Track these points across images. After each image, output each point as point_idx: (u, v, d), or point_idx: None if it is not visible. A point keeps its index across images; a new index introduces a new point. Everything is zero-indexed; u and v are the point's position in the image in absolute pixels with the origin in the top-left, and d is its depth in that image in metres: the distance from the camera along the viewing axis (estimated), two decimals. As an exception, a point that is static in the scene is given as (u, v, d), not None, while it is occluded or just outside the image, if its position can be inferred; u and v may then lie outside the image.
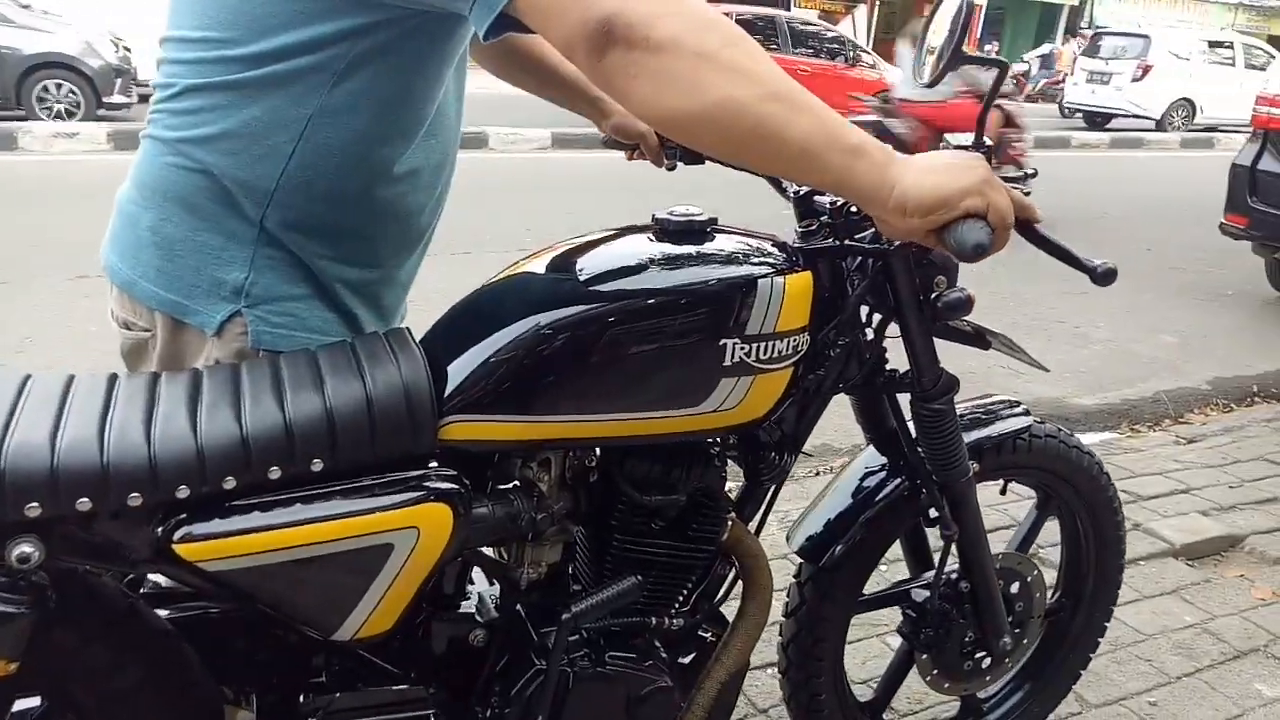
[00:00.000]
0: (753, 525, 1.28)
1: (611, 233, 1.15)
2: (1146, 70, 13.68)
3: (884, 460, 1.39)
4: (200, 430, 0.89)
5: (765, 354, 1.07)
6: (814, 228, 1.18)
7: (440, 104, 1.12)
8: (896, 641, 1.57)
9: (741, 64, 0.78)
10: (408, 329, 1.08)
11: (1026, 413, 1.44)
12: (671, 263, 1.07)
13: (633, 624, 1.16)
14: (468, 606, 1.15)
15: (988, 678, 1.49)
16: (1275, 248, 4.99)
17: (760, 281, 1.05)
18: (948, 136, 5.24)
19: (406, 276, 1.24)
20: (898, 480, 1.35)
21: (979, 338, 1.28)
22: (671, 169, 1.51)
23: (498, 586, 1.16)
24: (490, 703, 1.11)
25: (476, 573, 1.18)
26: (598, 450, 1.11)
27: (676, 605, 1.21)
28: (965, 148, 1.00)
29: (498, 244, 4.96)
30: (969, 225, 0.78)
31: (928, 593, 1.40)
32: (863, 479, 1.39)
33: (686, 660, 1.26)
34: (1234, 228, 4.92)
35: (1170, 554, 2.37)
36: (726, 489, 1.20)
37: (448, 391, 0.99)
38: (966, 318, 1.23)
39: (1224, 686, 1.90)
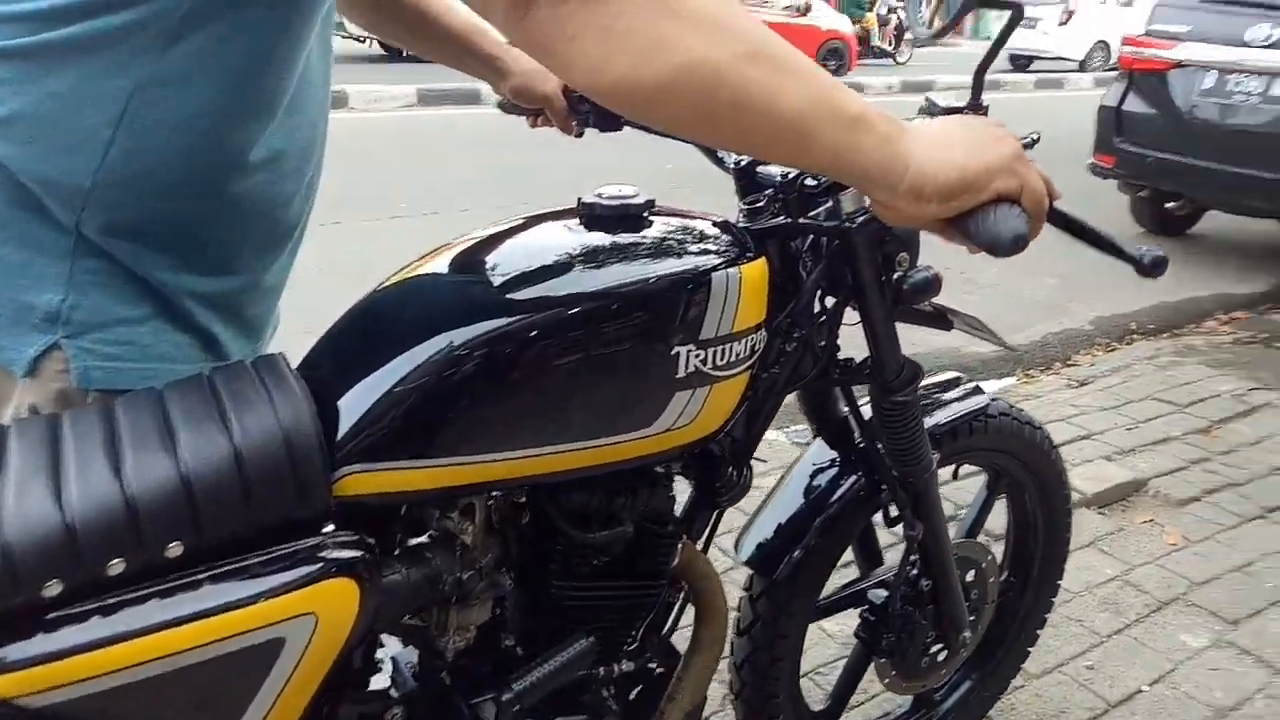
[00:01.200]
0: (700, 542, 1.13)
1: (530, 221, 0.95)
2: (1070, 15, 14.39)
3: (834, 455, 1.26)
4: (4, 518, 0.66)
5: (722, 359, 0.91)
6: (761, 204, 1.01)
7: (304, 69, 0.89)
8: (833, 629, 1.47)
9: (713, 12, 0.60)
10: (282, 355, 0.86)
11: (979, 390, 1.34)
12: (608, 258, 0.88)
13: (580, 680, 0.99)
14: (379, 681, 0.95)
15: (944, 671, 1.40)
16: (1139, 186, 5.16)
17: (715, 275, 0.88)
18: (933, 97, 5.23)
19: (275, 281, 1.01)
20: (852, 478, 1.23)
21: (940, 318, 1.15)
22: (579, 135, 1.32)
23: (415, 652, 0.97)
24: None
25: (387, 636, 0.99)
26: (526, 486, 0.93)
27: (626, 648, 1.05)
28: (957, 110, 0.84)
29: (370, 209, 4.63)
30: (1003, 212, 0.63)
31: (885, 593, 1.29)
32: (813, 478, 1.26)
33: (634, 698, 1.11)
34: (1102, 167, 5.04)
35: (1084, 504, 2.37)
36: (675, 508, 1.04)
37: (341, 435, 0.79)
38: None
39: (1152, 641, 1.89)
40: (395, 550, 0.86)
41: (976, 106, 0.79)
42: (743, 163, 1.05)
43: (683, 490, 1.06)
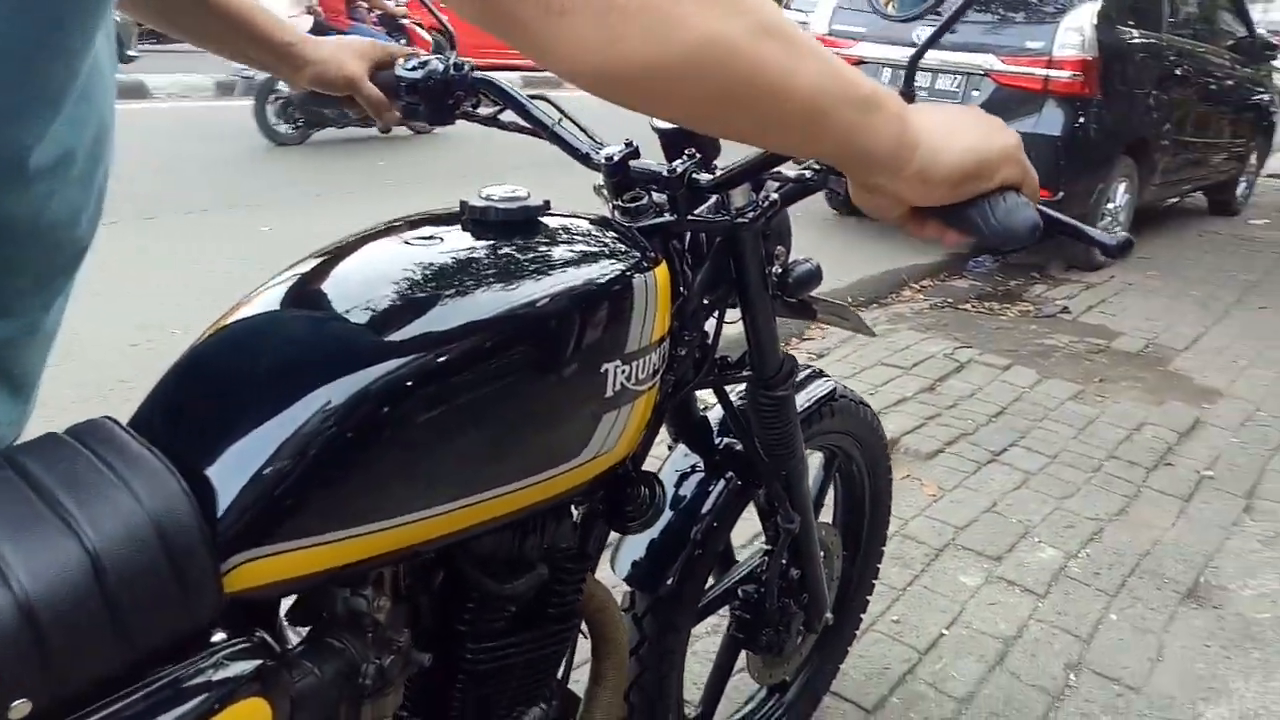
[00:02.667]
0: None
1: (409, 229, 0.81)
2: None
3: (696, 460, 1.22)
4: None
5: (643, 372, 0.83)
6: (642, 201, 0.94)
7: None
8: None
9: (732, 7, 0.52)
10: (110, 419, 0.66)
11: (823, 374, 1.37)
12: (519, 269, 0.77)
13: None
14: None
15: (803, 654, 1.43)
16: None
17: (635, 282, 0.80)
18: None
19: (54, 324, 0.78)
20: (723, 480, 1.19)
21: (805, 308, 1.15)
22: (386, 131, 1.16)
23: None
24: None
25: None
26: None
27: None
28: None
29: (182, 207, 4.22)
30: (1012, 201, 0.61)
31: (755, 588, 1.28)
32: (679, 485, 1.21)
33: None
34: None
35: (853, 469, 2.54)
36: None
37: (222, 515, 0.61)
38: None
39: (939, 586, 2.07)
40: (297, 646, 0.70)
41: (909, 95, 0.78)
42: (615, 157, 0.97)
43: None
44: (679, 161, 0.92)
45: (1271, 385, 3.48)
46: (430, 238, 0.79)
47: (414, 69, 1.07)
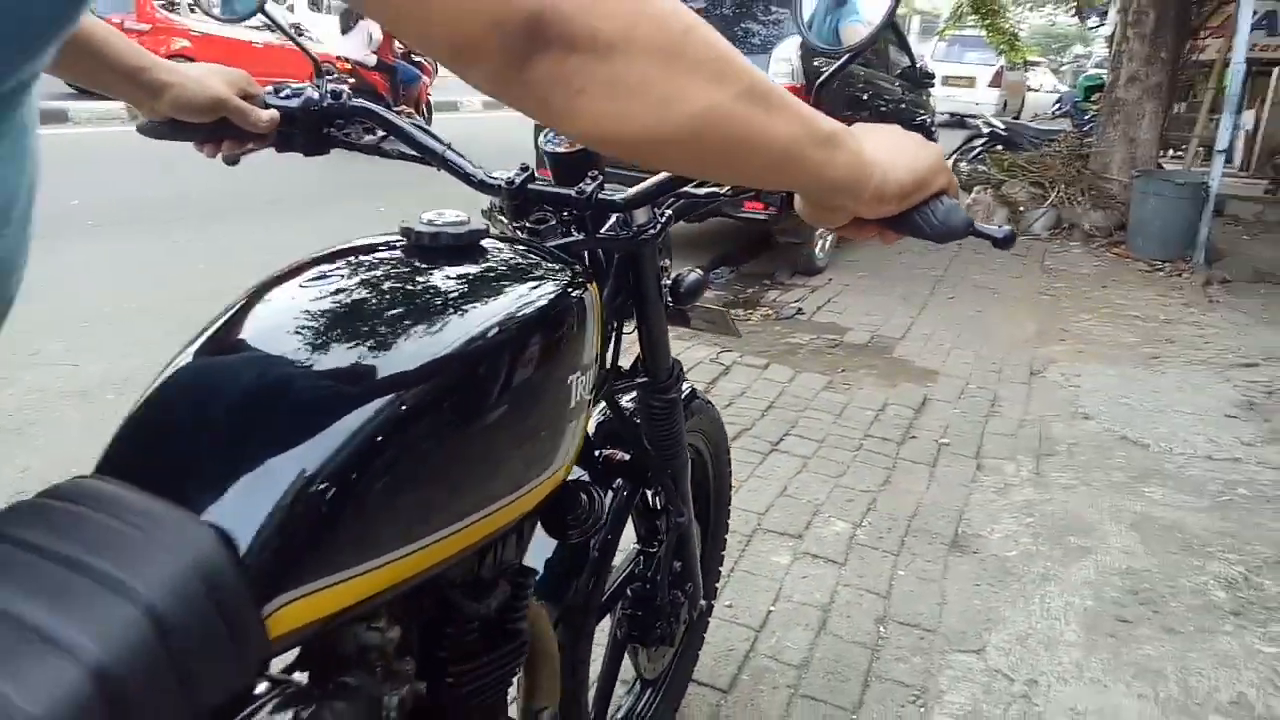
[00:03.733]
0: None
1: (358, 256, 0.80)
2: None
3: (581, 472, 1.27)
4: None
5: (591, 383, 0.88)
6: (551, 221, 0.99)
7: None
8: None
9: (709, 55, 0.58)
10: (87, 476, 0.61)
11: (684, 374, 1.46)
12: (487, 292, 0.79)
13: None
14: None
15: (678, 640, 1.51)
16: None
17: (585, 298, 0.85)
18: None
19: None
20: (612, 490, 1.25)
21: (681, 315, 1.24)
22: (233, 163, 1.10)
23: None
24: None
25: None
26: None
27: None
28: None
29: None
30: (948, 204, 0.73)
31: (642, 585, 1.35)
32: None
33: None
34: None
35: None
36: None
37: (250, 560, 0.59)
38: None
39: (758, 569, 2.24)
40: (325, 689, 0.67)
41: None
42: (516, 181, 1.01)
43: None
44: (587, 183, 0.98)
45: (973, 363, 4.08)
46: (386, 264, 0.79)
47: (288, 98, 1.04)
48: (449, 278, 0.79)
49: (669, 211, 1.04)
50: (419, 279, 0.78)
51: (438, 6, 0.49)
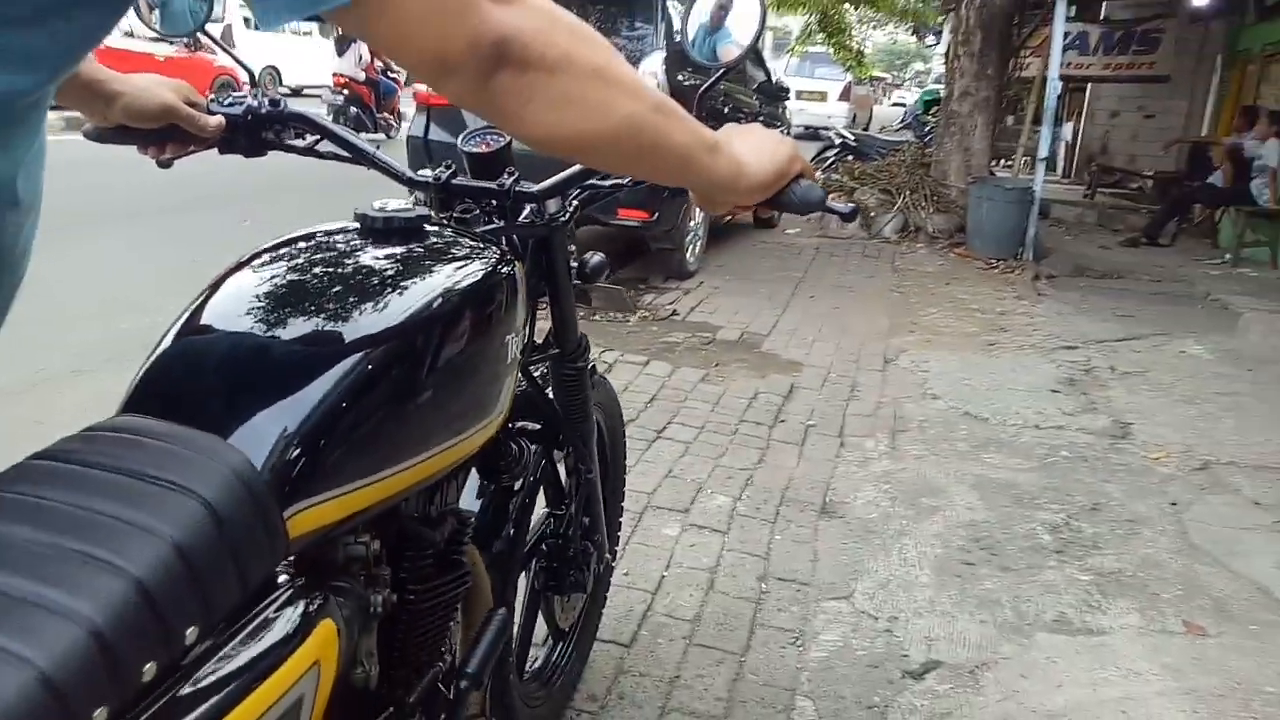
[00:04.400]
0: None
1: (319, 239, 0.94)
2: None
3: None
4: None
5: (521, 344, 1.05)
6: (475, 211, 1.15)
7: None
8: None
9: (627, 77, 0.76)
10: (130, 413, 0.74)
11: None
12: (431, 265, 0.94)
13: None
14: None
15: (584, 595, 1.68)
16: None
17: (515, 272, 1.01)
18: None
19: None
20: (531, 448, 1.41)
21: (583, 295, 1.41)
22: (166, 166, 1.21)
23: None
24: None
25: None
26: None
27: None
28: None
29: None
30: (805, 185, 0.93)
31: (555, 539, 1.51)
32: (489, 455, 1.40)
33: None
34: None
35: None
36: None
37: (271, 475, 0.73)
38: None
39: (650, 541, 2.44)
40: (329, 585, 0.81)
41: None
42: (443, 178, 1.16)
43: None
44: (507, 178, 1.14)
45: (833, 354, 4.42)
46: (351, 243, 0.94)
47: (231, 105, 1.16)
48: (405, 254, 0.94)
49: (575, 201, 1.21)
50: (381, 254, 0.93)
51: (430, 33, 0.65)
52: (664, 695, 1.83)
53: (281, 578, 0.74)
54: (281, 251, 0.91)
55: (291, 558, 0.79)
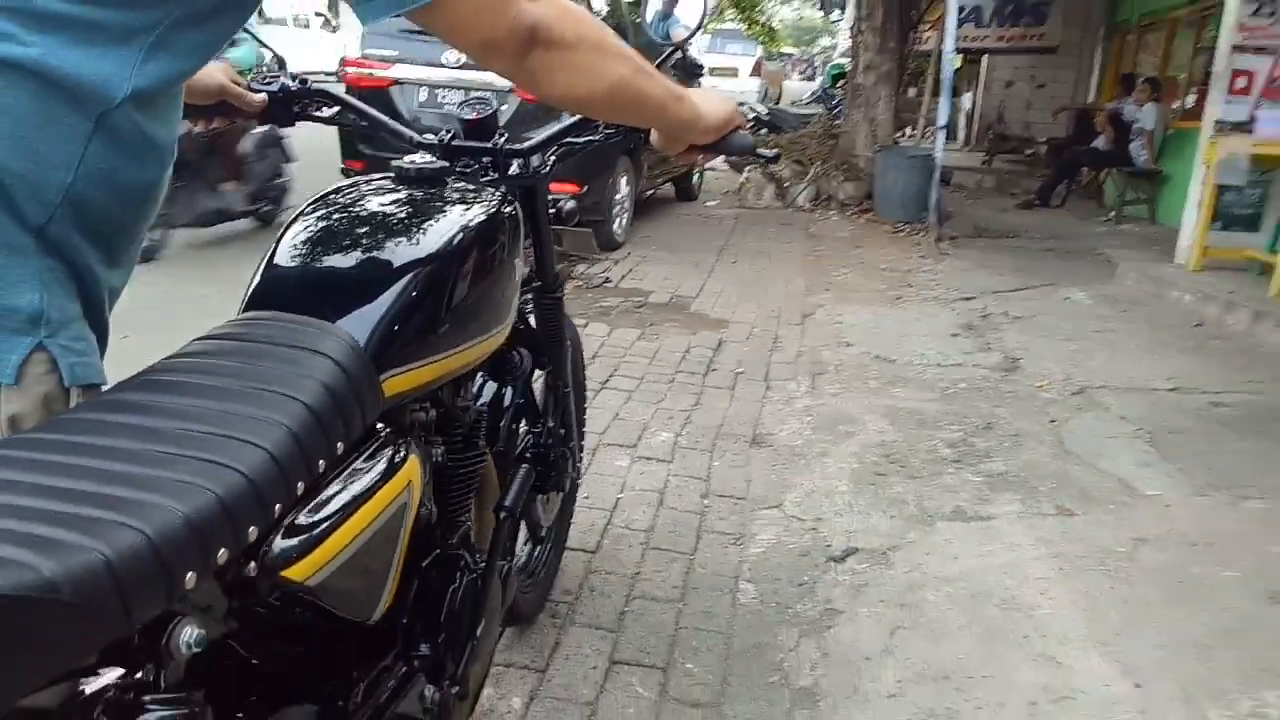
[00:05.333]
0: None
1: (361, 186, 1.21)
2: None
3: None
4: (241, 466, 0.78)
5: (523, 268, 1.33)
6: (474, 167, 1.42)
7: None
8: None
9: (616, 49, 1.05)
10: (249, 312, 1.00)
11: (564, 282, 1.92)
12: (458, 203, 1.22)
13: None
14: None
15: (558, 505, 1.97)
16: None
17: (516, 210, 1.30)
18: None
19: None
20: (525, 360, 1.68)
21: (556, 237, 1.69)
22: (207, 134, 1.46)
23: None
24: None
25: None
26: None
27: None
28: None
29: None
30: (741, 135, 1.23)
31: (540, 446, 1.80)
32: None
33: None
34: (353, 170, 5.82)
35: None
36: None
37: (372, 347, 1.01)
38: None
39: (604, 470, 2.74)
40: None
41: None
42: (447, 139, 1.43)
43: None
44: (499, 138, 1.42)
45: (756, 312, 4.78)
46: (397, 189, 1.21)
47: (268, 82, 1.40)
48: (436, 195, 1.22)
49: (553, 157, 1.50)
50: (418, 195, 1.20)
51: (481, 24, 0.92)
52: (628, 587, 2.14)
53: (380, 427, 1.01)
54: (341, 195, 1.18)
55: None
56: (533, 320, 1.67)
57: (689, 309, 4.77)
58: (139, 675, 0.67)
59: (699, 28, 1.33)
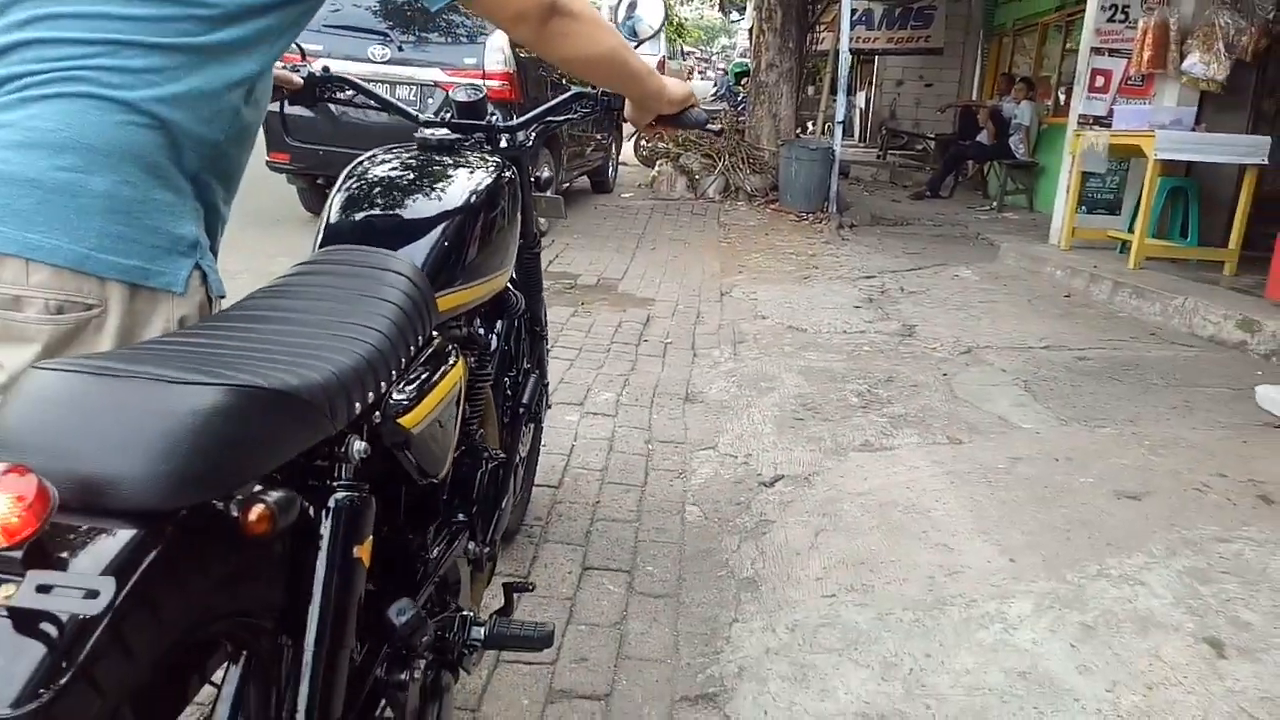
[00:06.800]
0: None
1: (395, 151, 1.50)
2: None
3: None
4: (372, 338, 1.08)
5: (522, 224, 1.64)
6: (468, 141, 1.73)
7: None
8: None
9: (609, 25, 1.39)
10: (325, 247, 1.29)
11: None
12: (473, 166, 1.53)
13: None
14: None
15: (529, 441, 2.28)
16: (309, 177, 6.24)
17: (515, 173, 1.61)
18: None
19: None
20: (519, 299, 1.98)
21: (536, 203, 2.00)
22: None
23: None
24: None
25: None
26: None
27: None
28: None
29: None
30: (695, 111, 1.57)
31: (517, 385, 2.10)
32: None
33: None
34: (277, 164, 5.95)
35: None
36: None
37: (427, 270, 1.31)
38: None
39: (558, 424, 3.05)
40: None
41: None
42: (446, 119, 1.72)
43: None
44: (492, 116, 1.73)
45: (679, 291, 5.15)
46: (423, 153, 1.50)
47: (295, 70, 1.67)
48: (457, 159, 1.52)
49: (535, 133, 1.81)
50: (442, 159, 1.50)
51: (524, 5, 1.23)
52: (590, 512, 2.47)
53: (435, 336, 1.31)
54: (376, 160, 1.47)
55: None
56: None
57: (616, 289, 5.11)
58: (331, 469, 0.97)
59: (661, 27, 1.67)
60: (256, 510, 0.77)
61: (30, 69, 0.98)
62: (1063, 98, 9.13)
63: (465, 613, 1.36)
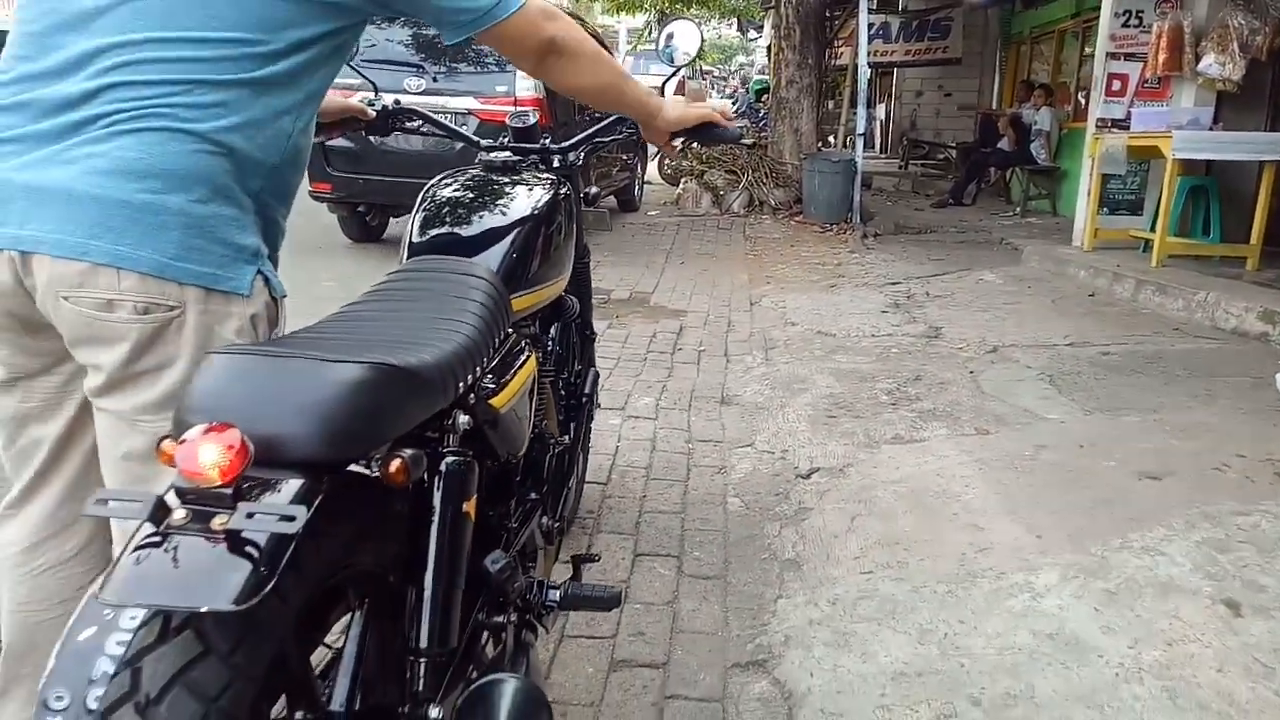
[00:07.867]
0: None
1: (462, 173, 1.69)
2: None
3: None
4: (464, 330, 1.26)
5: (576, 236, 1.82)
6: (525, 162, 1.91)
7: None
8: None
9: (607, 59, 1.55)
10: (414, 257, 1.48)
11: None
12: (537, 184, 1.71)
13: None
14: None
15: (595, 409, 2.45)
16: (348, 205, 6.49)
17: (571, 190, 1.79)
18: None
19: None
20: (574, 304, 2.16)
21: (585, 217, 2.18)
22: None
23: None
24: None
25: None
26: None
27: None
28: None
29: None
30: (720, 128, 1.74)
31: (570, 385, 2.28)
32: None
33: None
34: (321, 194, 6.20)
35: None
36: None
37: (501, 276, 1.48)
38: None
39: (603, 428, 3.21)
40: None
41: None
42: (505, 144, 1.91)
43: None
44: (545, 140, 1.92)
45: (709, 303, 5.32)
46: (489, 174, 1.69)
47: (370, 104, 1.87)
48: (519, 179, 1.71)
49: (584, 153, 1.99)
50: (507, 179, 1.69)
51: (522, 40, 1.39)
52: (638, 505, 2.63)
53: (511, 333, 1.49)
54: (449, 181, 1.65)
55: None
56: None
57: (648, 302, 5.29)
58: (440, 439, 1.14)
59: (696, 54, 1.85)
60: (396, 463, 0.95)
61: (118, 107, 1.14)
62: (1082, 102, 9.23)
63: (541, 580, 1.53)
